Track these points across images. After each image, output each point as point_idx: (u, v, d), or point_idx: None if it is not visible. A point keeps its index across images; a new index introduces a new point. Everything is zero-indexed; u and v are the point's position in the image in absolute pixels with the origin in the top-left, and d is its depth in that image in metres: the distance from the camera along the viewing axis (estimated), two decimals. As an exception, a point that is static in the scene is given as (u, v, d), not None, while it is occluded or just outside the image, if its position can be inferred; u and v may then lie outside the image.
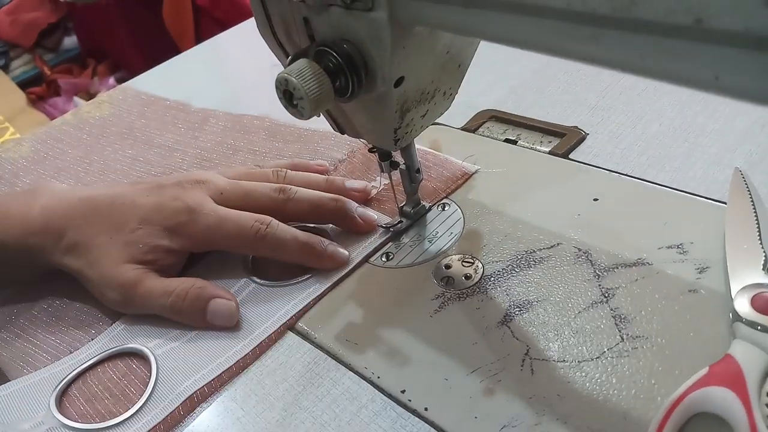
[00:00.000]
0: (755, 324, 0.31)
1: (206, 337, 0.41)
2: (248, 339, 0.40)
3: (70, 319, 0.44)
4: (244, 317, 0.41)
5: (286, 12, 0.35)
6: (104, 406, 0.38)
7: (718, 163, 0.45)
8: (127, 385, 0.39)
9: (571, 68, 0.60)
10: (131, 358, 0.41)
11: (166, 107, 0.70)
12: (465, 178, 0.49)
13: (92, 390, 0.39)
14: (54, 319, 0.45)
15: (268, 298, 0.42)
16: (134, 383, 0.39)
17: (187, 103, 0.70)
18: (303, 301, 0.41)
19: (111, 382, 0.39)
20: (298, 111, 0.32)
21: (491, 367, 0.35)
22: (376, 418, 0.34)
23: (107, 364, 0.41)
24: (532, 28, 0.25)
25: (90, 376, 0.40)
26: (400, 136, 0.38)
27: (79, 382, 0.40)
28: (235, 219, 0.42)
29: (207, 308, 0.41)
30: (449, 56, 0.36)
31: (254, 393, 0.37)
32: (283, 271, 0.44)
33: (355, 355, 0.38)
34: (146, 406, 0.37)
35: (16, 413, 0.38)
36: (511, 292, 0.39)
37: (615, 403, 0.32)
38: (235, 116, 0.65)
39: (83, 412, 0.38)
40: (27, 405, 0.38)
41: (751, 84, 0.19)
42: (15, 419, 0.37)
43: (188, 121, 0.66)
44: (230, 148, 0.60)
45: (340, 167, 0.53)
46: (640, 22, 0.21)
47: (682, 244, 0.39)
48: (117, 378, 0.40)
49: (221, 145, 0.61)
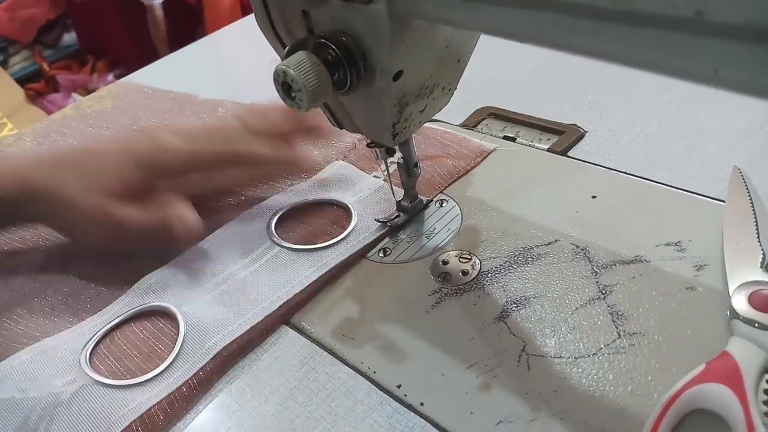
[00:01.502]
0: (753, 321, 0.31)
1: (231, 294, 0.41)
2: (274, 297, 0.40)
3: (86, 297, 0.45)
4: (268, 279, 0.42)
5: (285, 5, 0.35)
6: (134, 363, 0.38)
7: (717, 162, 0.45)
8: (155, 342, 0.39)
9: (570, 65, 0.60)
10: (157, 317, 0.41)
11: (171, 98, 0.70)
12: (483, 155, 0.50)
13: (121, 348, 0.39)
14: (70, 298, 0.45)
15: (291, 262, 0.43)
16: (162, 341, 0.39)
17: (193, 95, 0.70)
18: (327, 266, 0.42)
19: (139, 341, 0.40)
20: (296, 103, 0.32)
21: (488, 363, 0.35)
22: (371, 413, 0.34)
23: (133, 324, 0.41)
24: (532, 21, 0.24)
25: (117, 336, 0.40)
26: (398, 130, 0.38)
27: (107, 341, 0.40)
28: (205, 138, 0.46)
29: (174, 226, 0.42)
30: (448, 51, 0.36)
31: (250, 387, 0.37)
32: (305, 236, 0.45)
33: (352, 349, 0.37)
34: (176, 362, 0.38)
35: (47, 370, 0.38)
36: (509, 288, 0.39)
37: (611, 399, 0.32)
38: (245, 106, 0.64)
39: (113, 370, 0.38)
40: (58, 363, 0.38)
41: (751, 77, 0.19)
42: (47, 375, 0.38)
43: (196, 112, 0.66)
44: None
45: (349, 155, 0.54)
46: (640, 14, 0.21)
47: (680, 242, 0.39)
48: (145, 336, 0.40)
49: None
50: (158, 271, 0.44)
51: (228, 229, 0.47)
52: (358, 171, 0.51)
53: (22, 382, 0.37)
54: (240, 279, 0.43)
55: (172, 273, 0.44)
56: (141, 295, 0.42)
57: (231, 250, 0.45)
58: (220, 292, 0.42)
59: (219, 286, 0.42)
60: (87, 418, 0.35)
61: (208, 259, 0.45)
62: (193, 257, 0.45)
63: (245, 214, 0.48)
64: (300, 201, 0.49)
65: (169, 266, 0.45)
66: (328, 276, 0.42)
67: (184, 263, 0.45)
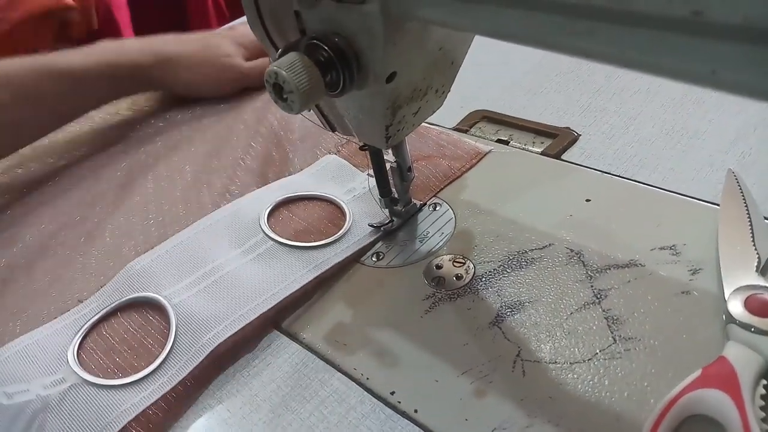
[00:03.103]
0: (749, 326, 0.31)
1: (222, 286, 0.41)
2: (268, 295, 0.40)
3: (68, 279, 0.44)
4: (261, 274, 0.41)
5: (276, 6, 0.34)
6: (123, 359, 0.37)
7: (711, 165, 0.45)
8: (144, 336, 0.38)
9: (564, 69, 0.60)
10: (145, 308, 0.40)
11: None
12: (479, 157, 0.50)
13: (109, 342, 0.38)
14: (51, 280, 0.44)
15: (285, 258, 0.42)
16: (151, 334, 0.38)
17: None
18: (322, 267, 0.42)
19: (127, 334, 0.39)
20: (287, 105, 0.31)
21: (482, 369, 0.34)
22: (364, 420, 0.34)
23: (121, 315, 0.40)
24: (526, 22, 0.24)
25: (105, 328, 0.39)
26: (391, 133, 0.37)
27: (93, 335, 0.39)
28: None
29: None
30: (442, 53, 0.35)
31: (240, 394, 0.36)
32: (299, 232, 0.45)
33: (344, 355, 0.37)
34: (169, 359, 0.36)
35: (33, 368, 0.37)
36: (503, 292, 0.38)
37: (607, 405, 0.31)
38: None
39: (103, 366, 0.37)
40: (44, 359, 0.37)
41: (748, 78, 0.19)
42: (33, 374, 0.36)
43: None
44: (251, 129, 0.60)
45: (342, 150, 0.53)
46: (636, 14, 0.20)
47: (675, 246, 0.39)
48: (133, 329, 0.39)
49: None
50: (145, 256, 0.43)
51: (218, 216, 0.46)
52: (352, 168, 0.51)
53: (8, 386, 0.36)
54: (231, 271, 0.42)
55: (159, 259, 0.43)
56: (127, 284, 0.41)
57: (220, 240, 0.44)
58: (211, 282, 0.41)
59: (209, 277, 0.41)
60: (79, 421, 0.34)
61: (197, 247, 0.44)
62: (180, 244, 0.44)
63: (236, 202, 0.48)
64: (292, 195, 0.48)
65: (155, 251, 0.43)
66: (321, 278, 0.42)
67: (171, 250, 0.44)
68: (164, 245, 0.44)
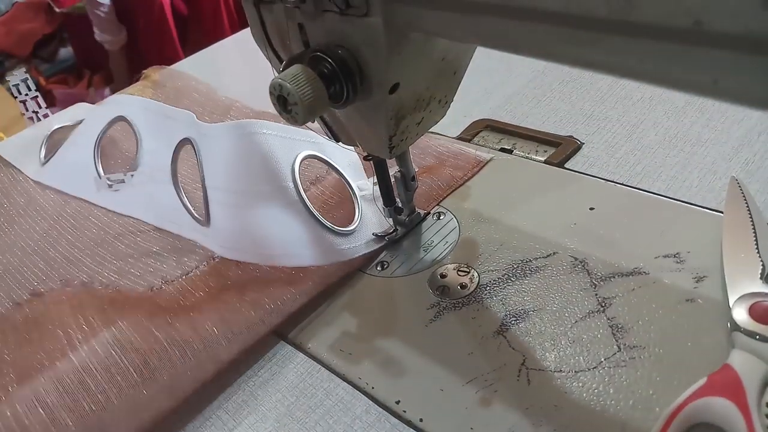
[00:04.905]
0: (754, 333, 0.31)
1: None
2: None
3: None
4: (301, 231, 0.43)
5: (280, 18, 0.35)
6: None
7: (715, 172, 0.45)
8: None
9: (567, 77, 0.60)
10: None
11: (196, 90, 0.70)
12: (480, 165, 0.50)
13: None
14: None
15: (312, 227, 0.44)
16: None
17: (213, 90, 0.69)
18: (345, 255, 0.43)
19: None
20: (292, 117, 0.32)
21: (487, 378, 0.34)
22: (370, 429, 0.34)
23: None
24: (529, 33, 0.24)
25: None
26: (395, 143, 0.37)
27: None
28: None
29: None
30: (445, 63, 0.36)
31: (246, 404, 0.36)
32: (321, 203, 0.47)
33: (349, 365, 0.37)
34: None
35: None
36: (507, 301, 0.38)
37: (613, 413, 0.31)
38: (257, 112, 0.64)
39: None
40: None
41: (750, 88, 0.19)
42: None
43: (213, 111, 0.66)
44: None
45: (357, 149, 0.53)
46: (639, 25, 0.20)
47: (678, 254, 0.39)
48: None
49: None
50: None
51: (252, 145, 0.46)
52: (362, 169, 0.51)
53: None
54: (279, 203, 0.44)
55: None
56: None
57: (256, 168, 0.45)
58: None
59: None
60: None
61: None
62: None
63: (269, 136, 0.47)
64: (320, 155, 0.48)
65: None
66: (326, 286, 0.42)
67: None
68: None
